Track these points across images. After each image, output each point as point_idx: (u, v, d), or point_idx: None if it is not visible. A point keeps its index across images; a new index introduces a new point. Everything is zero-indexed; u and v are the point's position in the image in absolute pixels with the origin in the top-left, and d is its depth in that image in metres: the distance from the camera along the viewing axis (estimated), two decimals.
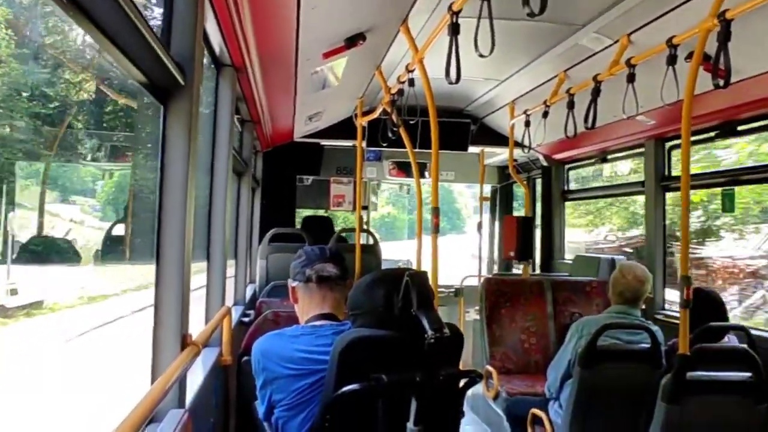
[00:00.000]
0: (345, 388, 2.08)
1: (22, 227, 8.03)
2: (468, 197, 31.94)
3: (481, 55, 2.62)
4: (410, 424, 2.09)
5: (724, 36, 2.95)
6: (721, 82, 2.99)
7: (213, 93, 3.64)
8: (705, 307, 3.60)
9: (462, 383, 2.31)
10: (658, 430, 3.16)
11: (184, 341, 2.12)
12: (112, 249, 9.55)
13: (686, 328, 3.11)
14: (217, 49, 3.27)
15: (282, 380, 2.28)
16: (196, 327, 2.45)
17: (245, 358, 3.41)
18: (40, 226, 8.61)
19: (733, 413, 3.20)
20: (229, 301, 4.39)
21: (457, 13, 3.01)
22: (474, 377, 2.34)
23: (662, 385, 3.19)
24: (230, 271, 4.59)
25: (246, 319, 4.49)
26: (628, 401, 3.76)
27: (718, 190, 4.82)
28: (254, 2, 2.74)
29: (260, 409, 2.42)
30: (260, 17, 2.93)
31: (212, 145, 3.58)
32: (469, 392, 2.32)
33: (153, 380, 2.00)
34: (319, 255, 2.50)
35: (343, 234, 7.49)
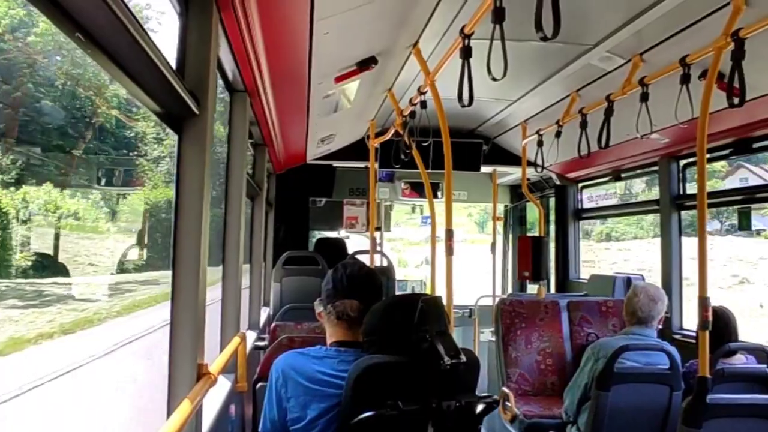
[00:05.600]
0: (362, 416, 2.06)
1: None
2: None
3: (494, 79, 2.61)
4: None
5: (738, 54, 2.94)
6: (737, 101, 2.97)
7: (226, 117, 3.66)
8: (717, 325, 3.54)
9: (479, 409, 2.28)
10: None
11: (200, 371, 2.10)
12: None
13: (706, 350, 3.07)
14: (230, 75, 3.29)
15: (301, 398, 2.25)
16: (211, 350, 2.44)
17: (260, 384, 3.39)
18: None
19: None
20: (243, 325, 4.38)
21: (468, 36, 3.01)
22: (491, 403, 2.31)
23: (683, 408, 3.14)
24: (244, 293, 4.58)
25: (261, 344, 4.47)
26: (648, 423, 3.71)
27: None
28: (267, 29, 2.75)
29: (265, 426, 2.32)
30: (273, 43, 2.95)
31: (226, 170, 3.59)
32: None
33: (169, 412, 1.99)
34: (346, 288, 2.41)
35: (357, 256, 7.47)
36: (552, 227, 7.35)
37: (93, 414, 5.25)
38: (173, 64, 1.97)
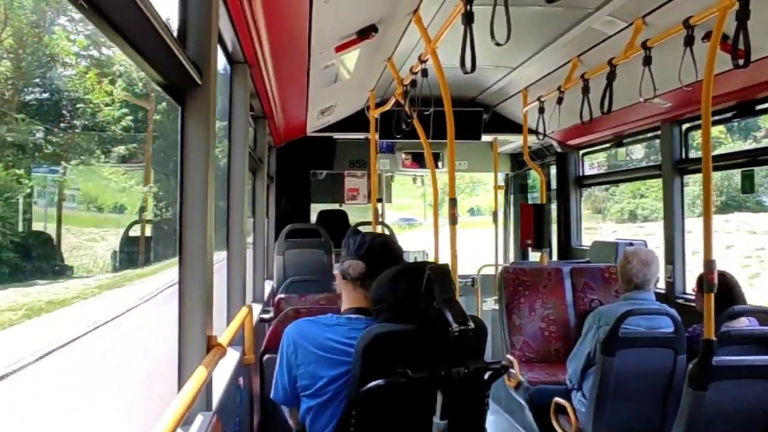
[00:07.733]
0: (370, 384, 2.07)
1: None
2: None
3: (497, 44, 2.58)
4: (436, 418, 2.08)
5: (743, 15, 2.91)
6: (741, 62, 2.95)
7: (227, 90, 3.63)
8: (720, 289, 3.54)
9: (487, 375, 2.30)
10: (686, 415, 3.14)
11: (209, 343, 2.11)
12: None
13: (711, 313, 3.08)
14: (230, 47, 3.25)
15: (311, 366, 2.26)
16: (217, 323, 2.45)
17: (267, 356, 3.41)
18: None
19: (762, 397, 3.17)
20: (248, 298, 4.39)
21: (470, 1, 2.98)
22: (499, 369, 2.32)
23: (688, 371, 3.16)
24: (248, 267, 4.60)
25: (266, 316, 4.49)
26: (653, 387, 3.74)
27: None
28: None
29: (277, 392, 2.37)
30: (273, 13, 2.91)
31: (228, 143, 3.57)
32: None
33: (180, 384, 2.00)
34: (356, 250, 2.47)
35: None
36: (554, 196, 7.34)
37: None
38: (174, 33, 1.94)
